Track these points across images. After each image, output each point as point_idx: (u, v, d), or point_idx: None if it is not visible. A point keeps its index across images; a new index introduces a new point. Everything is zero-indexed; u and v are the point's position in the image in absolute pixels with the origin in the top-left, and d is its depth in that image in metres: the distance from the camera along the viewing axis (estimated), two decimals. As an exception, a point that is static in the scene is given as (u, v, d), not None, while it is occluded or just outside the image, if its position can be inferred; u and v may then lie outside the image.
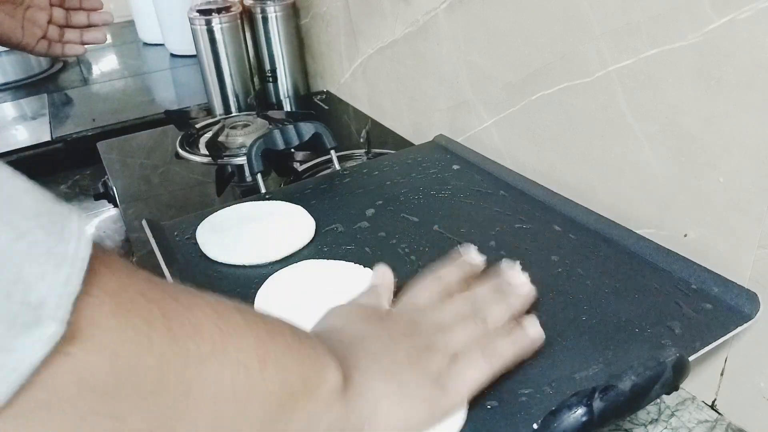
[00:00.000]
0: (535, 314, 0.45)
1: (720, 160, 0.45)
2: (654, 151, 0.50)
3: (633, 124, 0.51)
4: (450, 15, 0.71)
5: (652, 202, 0.52)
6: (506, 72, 0.64)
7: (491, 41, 0.65)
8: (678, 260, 0.48)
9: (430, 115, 0.82)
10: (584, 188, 0.58)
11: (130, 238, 0.69)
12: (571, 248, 0.53)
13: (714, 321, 0.43)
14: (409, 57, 0.82)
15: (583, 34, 0.53)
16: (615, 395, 0.34)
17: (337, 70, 1.07)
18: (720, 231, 0.46)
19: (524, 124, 0.64)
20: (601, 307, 0.45)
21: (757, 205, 0.43)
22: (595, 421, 0.34)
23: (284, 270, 0.52)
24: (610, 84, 0.52)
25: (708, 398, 0.50)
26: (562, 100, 0.58)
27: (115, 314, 0.22)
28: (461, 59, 0.71)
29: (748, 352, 0.46)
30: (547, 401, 0.37)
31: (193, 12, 1.02)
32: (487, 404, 0.38)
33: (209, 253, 0.55)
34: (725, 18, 0.41)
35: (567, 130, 0.59)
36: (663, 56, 0.46)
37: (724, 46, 0.42)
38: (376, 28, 0.88)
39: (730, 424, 0.48)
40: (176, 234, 0.58)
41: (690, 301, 0.45)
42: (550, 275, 0.49)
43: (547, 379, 0.39)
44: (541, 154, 0.63)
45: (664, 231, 0.51)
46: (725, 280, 0.45)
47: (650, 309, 0.45)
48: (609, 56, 0.51)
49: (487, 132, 0.71)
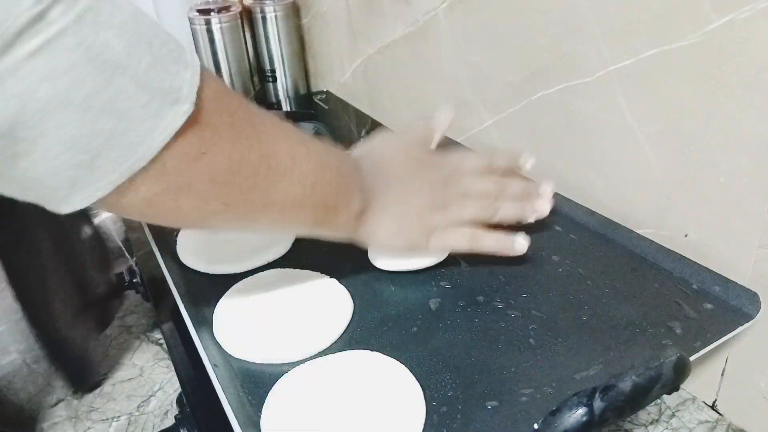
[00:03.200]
0: (536, 314, 0.45)
1: (720, 160, 0.45)
2: (654, 151, 0.50)
3: (633, 124, 0.51)
4: (450, 15, 0.71)
5: (653, 202, 0.52)
6: (506, 72, 0.64)
7: (491, 41, 0.65)
8: (678, 260, 0.48)
9: (430, 115, 0.82)
10: (584, 188, 0.58)
11: (130, 238, 0.69)
12: (572, 248, 0.53)
13: (715, 321, 0.43)
14: (409, 57, 0.82)
15: (583, 34, 0.53)
16: (615, 395, 0.34)
17: (337, 70, 1.07)
18: (720, 231, 0.46)
19: (524, 125, 0.64)
20: (601, 307, 0.45)
21: (758, 204, 0.43)
22: (596, 421, 0.33)
23: (252, 278, 0.51)
24: (611, 84, 0.52)
25: (709, 398, 0.50)
26: (562, 100, 0.58)
27: (225, 123, 0.32)
28: (461, 59, 0.71)
29: (749, 352, 0.46)
30: (548, 401, 0.37)
31: (192, 12, 1.02)
32: (487, 404, 0.38)
33: (185, 261, 0.55)
34: (725, 18, 0.41)
35: (567, 131, 0.59)
36: (663, 56, 0.46)
37: (724, 46, 0.42)
38: (376, 28, 0.88)
39: (731, 424, 0.48)
40: (176, 234, 0.58)
41: (690, 301, 0.45)
42: (551, 275, 0.49)
43: (547, 379, 0.39)
44: (541, 154, 0.63)
45: (665, 231, 0.51)
46: (726, 279, 0.45)
47: (651, 309, 0.45)
48: (609, 56, 0.51)
49: (487, 132, 0.71)
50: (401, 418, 0.37)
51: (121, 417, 0.58)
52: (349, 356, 0.42)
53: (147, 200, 0.30)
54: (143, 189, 0.29)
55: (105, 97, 0.26)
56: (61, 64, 0.24)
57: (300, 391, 0.39)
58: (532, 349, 0.42)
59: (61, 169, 0.27)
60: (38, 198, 0.29)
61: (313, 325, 0.45)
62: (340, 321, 0.45)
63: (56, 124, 0.25)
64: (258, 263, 0.53)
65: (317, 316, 0.46)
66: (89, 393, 0.62)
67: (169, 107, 0.28)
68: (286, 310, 0.47)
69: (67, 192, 0.28)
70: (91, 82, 0.25)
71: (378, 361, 0.41)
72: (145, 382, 0.62)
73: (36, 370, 0.93)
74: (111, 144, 0.27)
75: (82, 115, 0.26)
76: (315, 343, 0.43)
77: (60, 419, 0.61)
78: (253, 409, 0.39)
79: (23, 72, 0.23)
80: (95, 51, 0.25)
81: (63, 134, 0.26)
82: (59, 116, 0.25)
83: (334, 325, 0.45)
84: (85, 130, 0.26)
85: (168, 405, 0.58)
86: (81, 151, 0.26)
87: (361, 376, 0.40)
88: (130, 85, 0.27)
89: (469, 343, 0.43)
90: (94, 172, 0.27)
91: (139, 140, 0.28)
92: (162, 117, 0.28)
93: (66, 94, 0.25)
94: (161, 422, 0.56)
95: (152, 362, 0.68)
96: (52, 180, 0.27)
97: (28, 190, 0.28)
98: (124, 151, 0.27)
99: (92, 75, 0.25)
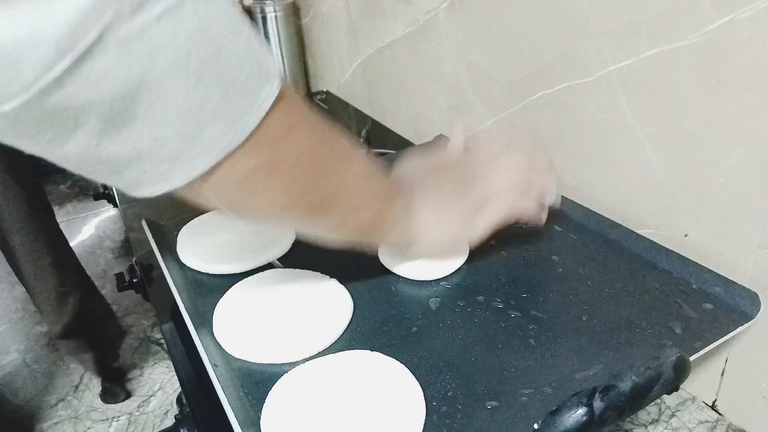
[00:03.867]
0: (536, 314, 0.45)
1: (720, 160, 0.45)
2: (654, 151, 0.50)
3: (633, 124, 0.51)
4: (450, 14, 0.71)
5: (653, 202, 0.52)
6: (506, 72, 0.64)
7: (491, 41, 0.65)
8: (678, 260, 0.48)
9: (430, 115, 0.82)
10: (585, 188, 0.58)
11: (130, 238, 0.69)
12: (572, 248, 0.53)
13: (714, 321, 0.43)
14: (409, 57, 0.82)
15: (584, 34, 0.53)
16: (615, 395, 0.34)
17: (337, 70, 1.07)
18: (720, 231, 0.46)
19: (525, 124, 0.64)
20: (601, 307, 0.45)
21: (758, 205, 0.43)
22: (596, 421, 0.33)
23: (252, 278, 0.51)
24: (611, 84, 0.52)
25: (708, 398, 0.50)
26: (562, 99, 0.58)
27: (304, 105, 0.35)
28: (461, 59, 0.71)
29: (749, 352, 0.46)
30: (548, 401, 0.37)
31: (193, 12, 1.02)
32: (488, 404, 0.38)
33: (185, 261, 0.55)
34: (725, 18, 0.41)
35: (567, 130, 0.59)
36: (663, 56, 0.46)
37: (724, 46, 0.42)
38: (376, 27, 0.88)
39: (731, 424, 0.48)
40: (176, 234, 0.58)
41: (690, 301, 0.45)
42: (551, 275, 0.49)
43: (547, 379, 0.39)
44: (542, 154, 0.63)
45: (665, 231, 0.51)
46: (726, 280, 0.45)
47: (651, 309, 0.45)
48: (609, 56, 0.51)
49: (487, 132, 0.71)
50: (401, 418, 0.37)
51: (121, 417, 0.58)
52: (349, 356, 0.42)
53: (241, 178, 0.31)
54: (240, 165, 0.31)
55: (215, 68, 0.27)
56: (181, 30, 0.26)
57: (300, 391, 0.39)
58: (532, 349, 0.42)
59: (169, 138, 0.28)
60: (134, 176, 0.29)
61: (313, 325, 0.45)
62: (340, 321, 0.45)
63: (173, 88, 0.26)
64: (258, 263, 0.53)
65: (317, 316, 0.46)
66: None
67: (263, 84, 0.30)
68: (286, 310, 0.47)
69: (169, 166, 0.29)
70: (204, 50, 0.27)
71: (378, 361, 0.41)
72: (145, 382, 0.62)
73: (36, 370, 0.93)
74: (216, 116, 0.28)
75: (196, 82, 0.27)
76: (315, 343, 0.43)
77: (60, 419, 0.61)
78: (253, 409, 0.39)
79: (150, 35, 0.25)
80: (206, 22, 0.27)
81: (178, 99, 0.27)
82: (177, 80, 0.26)
83: (334, 325, 0.45)
84: (196, 99, 0.27)
85: (168, 405, 0.58)
86: (191, 119, 0.28)
87: (361, 376, 0.40)
88: (233, 59, 0.28)
89: (469, 343, 0.43)
90: (197, 146, 0.29)
91: (238, 115, 0.29)
92: (258, 93, 0.30)
93: (185, 59, 0.26)
94: (161, 422, 0.56)
95: (152, 362, 0.68)
96: (160, 150, 0.28)
97: (127, 166, 0.29)
98: (227, 125, 0.29)
99: (205, 44, 0.27)
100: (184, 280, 0.52)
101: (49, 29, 0.22)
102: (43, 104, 0.24)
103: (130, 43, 0.24)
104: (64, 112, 0.25)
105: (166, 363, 1.01)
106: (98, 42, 0.23)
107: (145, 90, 0.26)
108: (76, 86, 0.24)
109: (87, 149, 0.27)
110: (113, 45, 0.24)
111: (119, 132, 0.27)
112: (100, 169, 0.29)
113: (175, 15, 0.25)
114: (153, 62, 0.25)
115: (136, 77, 0.25)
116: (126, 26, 0.24)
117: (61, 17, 0.22)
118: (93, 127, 0.26)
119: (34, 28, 0.22)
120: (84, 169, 0.29)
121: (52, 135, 0.26)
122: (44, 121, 0.25)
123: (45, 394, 0.68)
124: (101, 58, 0.24)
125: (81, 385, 0.96)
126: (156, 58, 0.25)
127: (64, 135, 0.26)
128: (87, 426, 0.59)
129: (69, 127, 0.26)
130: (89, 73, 0.24)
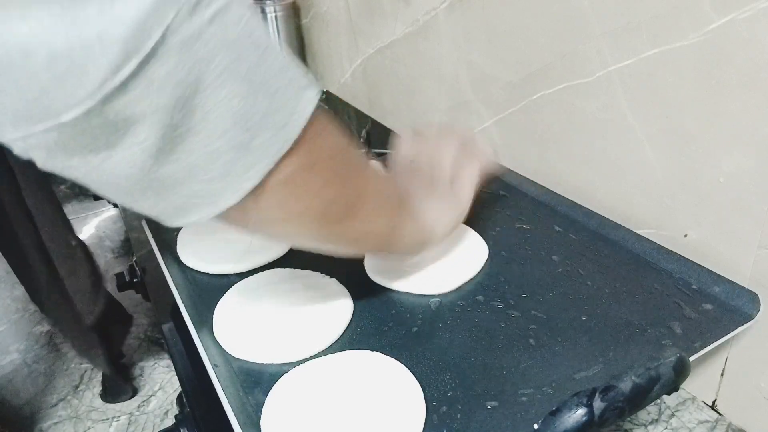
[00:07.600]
0: (536, 314, 0.45)
1: (720, 160, 0.45)
2: (654, 151, 0.50)
3: (633, 124, 0.51)
4: (450, 15, 0.71)
5: (653, 202, 0.52)
6: (506, 72, 0.64)
7: (491, 41, 0.65)
8: (678, 260, 0.48)
9: (430, 115, 0.82)
10: (585, 188, 0.58)
11: (130, 238, 0.69)
12: (572, 248, 0.53)
13: (714, 321, 0.43)
14: (409, 57, 0.82)
15: (584, 34, 0.53)
16: (615, 395, 0.34)
17: (337, 70, 1.07)
18: (720, 231, 0.46)
19: (525, 124, 0.64)
20: (601, 308, 0.45)
21: (758, 205, 0.43)
22: (596, 421, 0.33)
23: (252, 278, 0.51)
24: (611, 84, 0.52)
25: (708, 398, 0.50)
26: (562, 100, 0.58)
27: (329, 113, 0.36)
28: (461, 59, 0.71)
29: (749, 352, 0.46)
30: (547, 401, 0.37)
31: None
32: (487, 404, 0.38)
33: (186, 261, 0.55)
34: (725, 18, 0.41)
35: (567, 130, 0.59)
36: (663, 56, 0.46)
37: (724, 46, 0.42)
38: (376, 28, 0.88)
39: (731, 424, 0.48)
40: (176, 234, 0.58)
41: (690, 301, 0.45)
42: (551, 275, 0.49)
43: (547, 379, 0.39)
44: (542, 154, 0.63)
45: (665, 231, 0.51)
46: (726, 280, 0.45)
47: (651, 309, 0.45)
48: (610, 56, 0.51)
49: (487, 132, 0.71)
50: (401, 418, 0.37)
51: (121, 417, 0.58)
52: (349, 356, 0.42)
53: (286, 179, 0.31)
54: (286, 170, 0.30)
55: (261, 74, 0.27)
56: (231, 34, 0.25)
57: (300, 391, 0.39)
58: (532, 349, 0.42)
59: (223, 151, 0.27)
60: (181, 201, 0.29)
61: (313, 325, 0.45)
62: (340, 321, 0.45)
63: (228, 95, 0.26)
64: (258, 263, 0.53)
65: (317, 316, 0.46)
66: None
67: (302, 91, 0.30)
68: (286, 310, 0.47)
69: (220, 185, 0.28)
70: (251, 56, 0.26)
71: (378, 361, 0.41)
72: (145, 382, 0.62)
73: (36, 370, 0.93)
74: (264, 124, 0.28)
75: (248, 89, 0.27)
76: (315, 343, 0.43)
77: (60, 419, 0.61)
78: (253, 409, 0.39)
79: (206, 36, 0.24)
80: (250, 28, 0.26)
81: (232, 107, 0.26)
82: (231, 86, 0.26)
83: (334, 325, 0.45)
84: (248, 106, 0.27)
85: (168, 405, 0.58)
86: (243, 128, 0.27)
87: (361, 376, 0.40)
88: (275, 66, 0.28)
89: (469, 343, 0.43)
90: (249, 156, 0.28)
91: (283, 122, 0.29)
92: (298, 100, 0.30)
93: (236, 64, 0.26)
94: (161, 422, 0.56)
95: (152, 362, 0.68)
96: (212, 165, 0.27)
97: (175, 188, 0.28)
98: (275, 133, 0.29)
99: (252, 49, 0.26)
100: (184, 280, 0.52)
101: (118, 29, 0.22)
102: (105, 113, 0.23)
103: (189, 44, 0.24)
104: (122, 123, 0.24)
105: (166, 363, 1.01)
106: (162, 43, 0.23)
107: (201, 97, 0.25)
108: (139, 92, 0.23)
109: (140, 170, 0.26)
110: (175, 46, 0.23)
111: (174, 149, 0.26)
112: (149, 195, 0.28)
113: (224, 18, 0.25)
114: (209, 66, 0.25)
115: (194, 82, 0.25)
116: (186, 27, 0.23)
117: (128, 17, 0.22)
118: (148, 143, 0.25)
119: (102, 29, 0.21)
120: (133, 193, 0.28)
121: (106, 153, 0.25)
122: (101, 135, 0.24)
123: (45, 394, 0.68)
124: (164, 61, 0.23)
125: (81, 385, 0.96)
126: (212, 61, 0.25)
127: (119, 151, 0.25)
128: (87, 426, 0.59)
129: (126, 143, 0.25)
130: (152, 77, 0.23)
